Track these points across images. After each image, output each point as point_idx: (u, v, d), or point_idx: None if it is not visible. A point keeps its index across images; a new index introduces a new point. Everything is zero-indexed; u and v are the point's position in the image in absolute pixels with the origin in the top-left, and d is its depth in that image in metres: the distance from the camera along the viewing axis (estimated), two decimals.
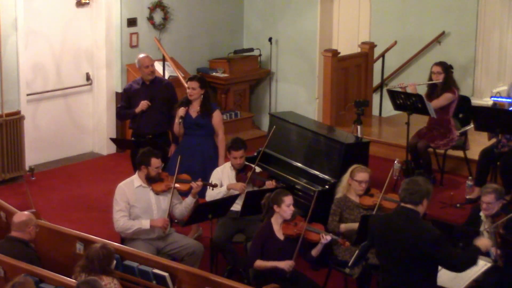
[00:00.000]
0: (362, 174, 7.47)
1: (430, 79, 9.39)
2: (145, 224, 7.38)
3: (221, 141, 8.59)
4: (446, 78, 9.30)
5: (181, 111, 8.51)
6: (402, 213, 5.85)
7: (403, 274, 5.80)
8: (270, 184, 7.82)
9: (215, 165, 8.32)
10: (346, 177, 7.56)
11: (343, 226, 7.38)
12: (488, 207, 6.90)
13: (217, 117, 8.62)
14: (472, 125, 9.16)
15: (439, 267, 5.94)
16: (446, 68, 9.36)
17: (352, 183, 7.50)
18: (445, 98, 9.25)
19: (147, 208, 7.49)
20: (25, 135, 10.32)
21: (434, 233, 5.72)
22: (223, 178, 7.96)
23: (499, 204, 6.92)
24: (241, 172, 7.94)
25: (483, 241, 6.18)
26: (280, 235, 6.95)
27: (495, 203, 6.90)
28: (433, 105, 9.11)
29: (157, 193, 7.53)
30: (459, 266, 5.85)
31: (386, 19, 11.99)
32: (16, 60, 10.31)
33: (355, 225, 7.25)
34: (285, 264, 6.78)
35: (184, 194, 7.73)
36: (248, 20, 12.79)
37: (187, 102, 8.57)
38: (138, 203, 7.47)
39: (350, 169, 7.55)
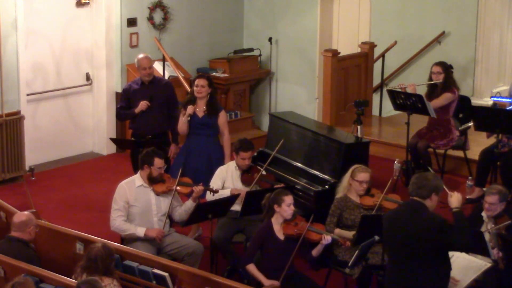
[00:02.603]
0: (363, 174, 7.47)
1: (430, 79, 9.40)
2: (140, 232, 7.36)
3: (226, 141, 8.59)
4: (446, 78, 9.30)
5: (190, 109, 8.47)
6: (409, 205, 5.89)
7: (411, 269, 5.81)
8: (279, 187, 7.80)
9: (221, 164, 8.31)
10: (346, 177, 7.55)
11: (337, 231, 7.35)
12: (491, 208, 6.89)
13: (223, 117, 8.63)
14: (471, 123, 9.16)
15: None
16: (446, 68, 9.36)
17: (353, 183, 7.49)
18: (445, 98, 9.26)
19: (146, 208, 7.48)
20: (25, 135, 10.32)
21: (438, 220, 5.76)
22: (227, 178, 7.95)
23: (502, 206, 6.92)
24: (246, 173, 7.94)
25: (454, 197, 6.07)
26: (280, 235, 6.95)
27: (498, 204, 6.89)
28: (433, 105, 9.12)
29: (157, 194, 7.53)
30: (466, 243, 5.87)
31: (386, 19, 12.00)
32: (16, 60, 10.31)
33: (347, 234, 7.25)
34: (270, 284, 6.74)
35: (186, 196, 7.72)
36: (248, 20, 12.79)
37: (193, 101, 8.55)
38: (138, 203, 7.47)
39: (351, 169, 7.55)
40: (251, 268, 6.89)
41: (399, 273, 5.91)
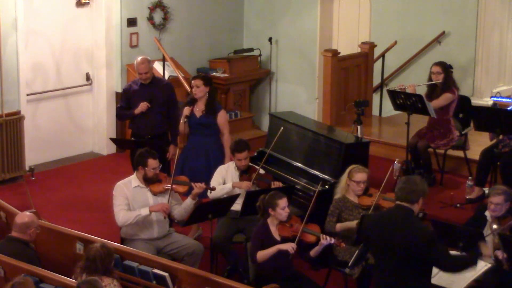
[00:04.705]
0: (360, 175, 7.46)
1: (430, 79, 9.40)
2: (144, 211, 7.33)
3: (226, 141, 8.60)
4: (445, 78, 9.30)
5: (186, 110, 8.49)
6: (397, 211, 5.88)
7: (396, 272, 5.81)
8: (276, 185, 7.79)
9: (220, 164, 8.30)
10: (344, 178, 7.54)
11: (339, 226, 7.35)
12: (496, 208, 6.89)
13: (222, 117, 8.63)
14: (472, 127, 9.16)
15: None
16: (446, 68, 9.36)
17: (351, 184, 7.48)
18: (445, 98, 9.26)
19: None
20: (25, 135, 10.32)
21: (428, 232, 5.77)
22: (227, 177, 7.95)
23: (506, 206, 6.92)
24: (244, 173, 7.93)
25: (487, 249, 6.14)
26: (277, 235, 6.94)
27: (503, 205, 6.90)
28: (433, 105, 9.12)
29: (155, 194, 7.51)
30: (453, 267, 5.87)
31: (386, 19, 12.00)
32: (16, 60, 10.31)
33: (351, 224, 7.24)
34: (287, 246, 6.74)
35: (185, 195, 7.72)
36: (248, 20, 12.79)
37: (193, 102, 8.56)
38: (135, 203, 7.45)
39: (347, 170, 7.54)
40: (261, 253, 6.81)
41: (384, 275, 5.91)
